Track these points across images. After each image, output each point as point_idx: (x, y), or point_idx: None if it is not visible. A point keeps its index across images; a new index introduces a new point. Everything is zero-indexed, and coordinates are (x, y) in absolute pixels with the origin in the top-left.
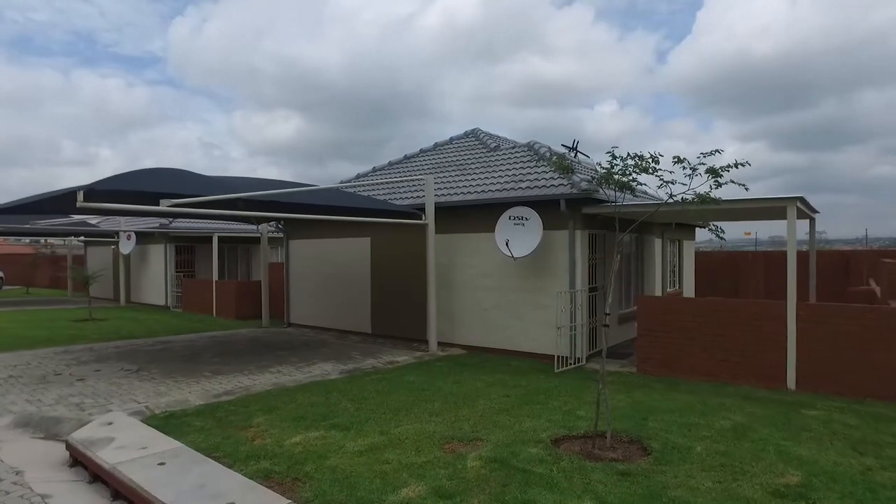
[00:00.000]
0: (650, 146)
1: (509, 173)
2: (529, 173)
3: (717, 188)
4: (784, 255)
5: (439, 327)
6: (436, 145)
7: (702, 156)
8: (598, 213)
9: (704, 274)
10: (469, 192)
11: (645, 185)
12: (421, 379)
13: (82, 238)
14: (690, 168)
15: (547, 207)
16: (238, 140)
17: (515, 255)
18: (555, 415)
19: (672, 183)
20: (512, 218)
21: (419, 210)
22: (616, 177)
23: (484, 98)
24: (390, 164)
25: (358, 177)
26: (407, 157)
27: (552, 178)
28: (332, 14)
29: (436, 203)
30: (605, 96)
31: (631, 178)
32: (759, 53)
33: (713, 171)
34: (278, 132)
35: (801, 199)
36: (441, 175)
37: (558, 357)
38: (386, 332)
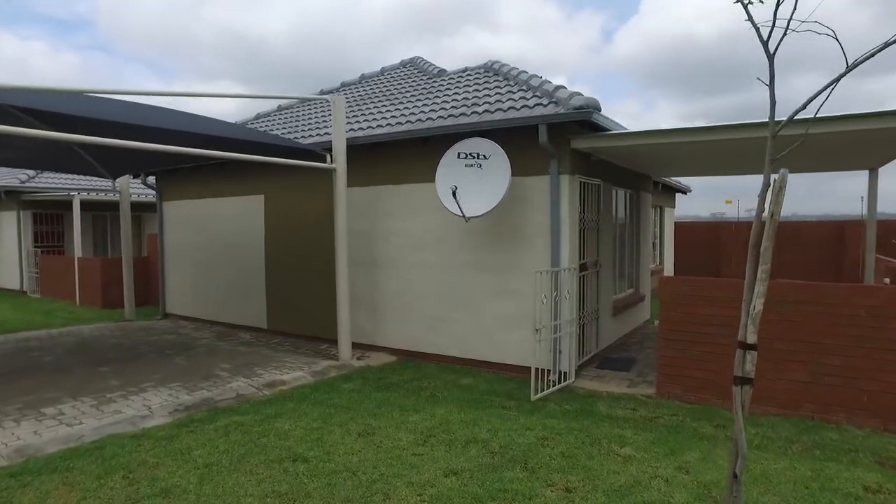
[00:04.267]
0: None
1: (459, 97)
2: (489, 94)
3: None
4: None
5: (359, 322)
6: (362, 77)
7: None
8: (593, 150)
9: (681, 248)
10: (400, 123)
11: None
12: (305, 424)
13: None
14: None
15: (516, 140)
16: None
17: (468, 214)
18: None
19: None
20: (463, 155)
21: (326, 151)
22: None
23: None
24: (302, 100)
25: (258, 117)
26: (324, 93)
27: (523, 97)
28: None
29: (352, 139)
30: (553, 73)
31: None
32: (701, 36)
33: None
34: (220, 105)
35: None
36: (364, 107)
37: (536, 372)
38: (286, 329)
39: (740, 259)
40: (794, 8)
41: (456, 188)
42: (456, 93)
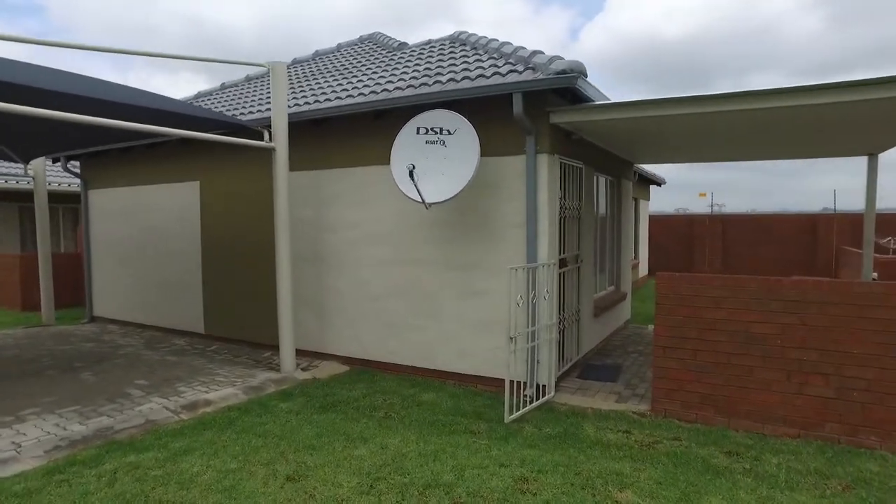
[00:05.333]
0: None
1: (421, 68)
2: (455, 64)
3: None
4: (747, 220)
5: (305, 327)
6: (316, 54)
7: None
8: (576, 125)
9: (653, 242)
10: (351, 96)
11: None
12: (219, 465)
13: None
14: None
15: (486, 114)
16: None
17: (429, 200)
18: None
19: None
20: (423, 131)
21: (265, 128)
22: None
23: None
24: (248, 78)
25: (199, 95)
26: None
27: (494, 65)
28: None
29: (295, 114)
30: None
31: None
32: (667, 34)
33: None
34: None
35: None
36: (314, 82)
37: (511, 387)
38: (225, 334)
39: (714, 254)
40: None
41: (413, 167)
42: (417, 65)
